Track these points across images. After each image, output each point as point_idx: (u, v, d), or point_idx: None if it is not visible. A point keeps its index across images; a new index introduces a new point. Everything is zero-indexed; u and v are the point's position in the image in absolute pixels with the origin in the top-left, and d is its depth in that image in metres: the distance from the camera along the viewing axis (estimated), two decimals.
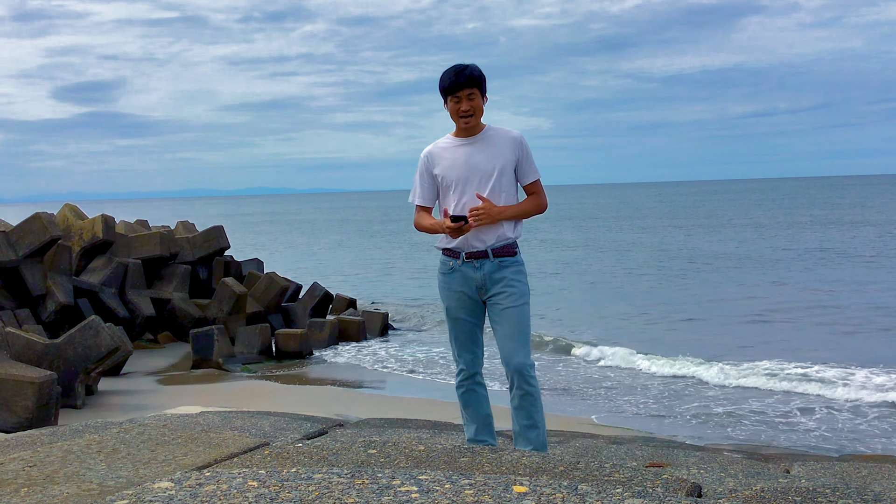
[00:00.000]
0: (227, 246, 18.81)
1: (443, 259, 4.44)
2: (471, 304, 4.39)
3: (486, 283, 4.32)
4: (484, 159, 4.33)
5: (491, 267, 4.31)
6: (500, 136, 4.40)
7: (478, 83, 4.30)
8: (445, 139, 4.47)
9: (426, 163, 4.45)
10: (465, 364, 4.46)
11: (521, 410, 4.31)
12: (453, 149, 4.40)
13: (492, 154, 4.34)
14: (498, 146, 4.36)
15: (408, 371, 14.39)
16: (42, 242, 14.26)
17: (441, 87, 4.34)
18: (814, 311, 19.53)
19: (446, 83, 4.30)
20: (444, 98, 4.34)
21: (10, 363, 9.12)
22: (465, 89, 4.26)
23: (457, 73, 4.27)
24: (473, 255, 4.32)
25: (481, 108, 4.36)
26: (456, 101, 4.29)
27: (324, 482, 2.57)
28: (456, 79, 4.26)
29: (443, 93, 4.34)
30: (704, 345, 15.76)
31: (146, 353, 14.94)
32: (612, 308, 21.17)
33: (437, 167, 4.41)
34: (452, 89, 4.28)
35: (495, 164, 4.32)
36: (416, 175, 4.50)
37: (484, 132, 4.40)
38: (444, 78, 4.31)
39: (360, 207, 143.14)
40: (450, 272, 4.39)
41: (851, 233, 43.62)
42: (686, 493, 3.11)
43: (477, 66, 4.34)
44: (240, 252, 23.31)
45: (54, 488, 3.03)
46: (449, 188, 4.38)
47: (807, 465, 5.17)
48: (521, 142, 4.39)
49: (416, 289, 26.97)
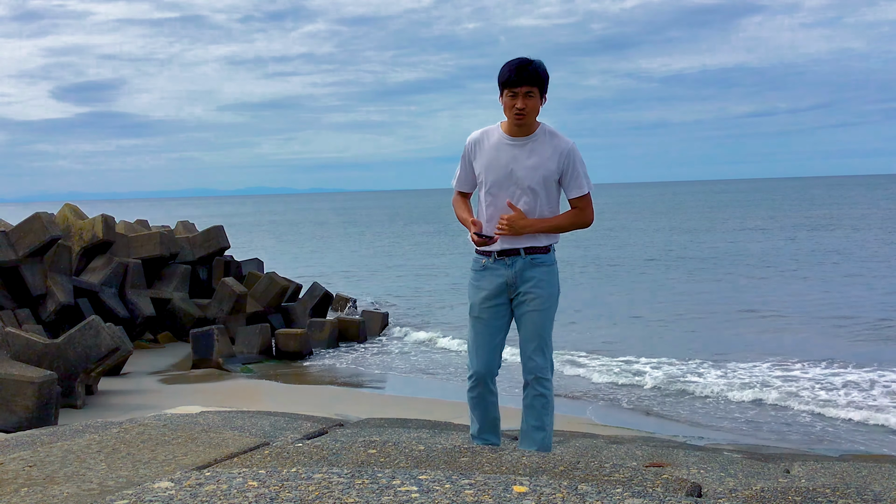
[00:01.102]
0: (227, 246, 18.81)
1: (475, 256, 4.37)
2: (496, 305, 4.30)
3: (517, 281, 4.24)
4: (526, 168, 4.15)
5: (522, 264, 4.22)
6: (549, 143, 4.18)
7: (540, 82, 4.10)
8: (496, 130, 4.26)
9: (470, 150, 4.31)
10: (478, 367, 4.35)
11: (532, 410, 4.30)
12: (499, 146, 4.21)
13: (535, 164, 4.16)
14: (543, 156, 4.16)
15: (408, 371, 14.40)
16: (42, 242, 14.26)
17: (500, 79, 4.12)
18: (819, 309, 19.55)
19: (506, 76, 4.09)
20: (501, 90, 4.14)
21: (10, 363, 9.12)
22: (524, 86, 4.06)
23: (519, 68, 4.07)
24: (505, 252, 4.24)
25: (537, 108, 4.15)
26: (512, 96, 4.09)
27: (324, 482, 2.57)
28: (517, 73, 4.06)
29: (500, 85, 4.13)
30: (705, 344, 15.78)
31: (146, 353, 14.94)
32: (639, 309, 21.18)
33: (478, 161, 4.27)
34: (511, 83, 4.08)
35: (535, 176, 4.15)
36: (461, 160, 4.37)
37: (535, 135, 4.19)
38: (504, 70, 4.11)
39: (363, 207, 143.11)
40: (481, 270, 4.31)
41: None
42: (686, 493, 3.11)
43: (543, 65, 4.12)
44: (240, 252, 23.31)
45: (54, 488, 3.03)
46: (482, 186, 4.27)
47: (807, 465, 5.17)
48: (569, 154, 4.17)
49: (417, 288, 26.98)
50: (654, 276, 28.27)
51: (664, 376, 13.18)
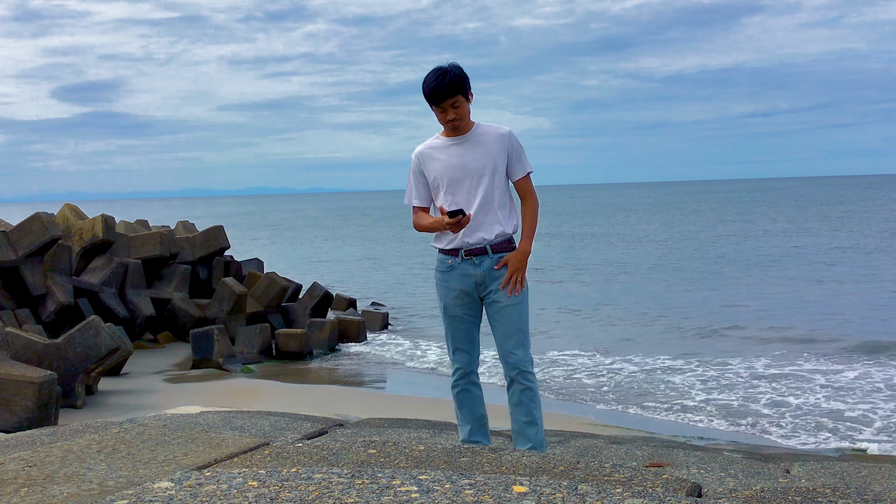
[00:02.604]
0: (227, 246, 18.81)
1: (440, 257, 4.43)
2: (468, 302, 4.37)
3: (486, 280, 4.32)
4: (475, 159, 4.30)
5: (490, 262, 4.30)
6: (489, 133, 4.35)
7: (459, 90, 4.21)
8: (436, 138, 4.43)
9: (417, 163, 4.42)
10: (460, 363, 4.46)
11: (521, 406, 4.32)
12: (444, 149, 4.36)
13: (482, 153, 4.30)
14: (488, 145, 4.32)
15: (408, 371, 14.40)
16: (42, 242, 14.26)
17: (424, 95, 4.26)
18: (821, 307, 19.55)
19: (427, 94, 4.22)
20: (429, 104, 4.29)
21: (10, 363, 9.12)
22: (447, 99, 4.20)
23: (437, 84, 4.18)
24: (472, 252, 4.31)
25: (467, 111, 4.29)
26: (441, 110, 4.24)
27: (324, 482, 2.57)
28: (436, 90, 4.18)
29: (426, 100, 4.27)
30: (706, 343, 15.78)
31: (146, 353, 14.93)
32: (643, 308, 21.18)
33: (428, 168, 4.38)
34: (435, 100, 4.21)
35: (486, 164, 4.29)
36: (410, 176, 4.47)
37: (473, 130, 4.35)
38: (424, 88, 4.24)
39: (364, 207, 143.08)
40: (448, 270, 4.37)
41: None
42: (686, 493, 3.11)
43: (456, 70, 4.22)
44: (240, 252, 23.32)
45: (54, 488, 3.03)
46: (440, 189, 4.36)
47: (807, 465, 5.17)
48: (510, 137, 4.35)
49: (417, 288, 26.98)
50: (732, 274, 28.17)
51: (664, 376, 13.18)
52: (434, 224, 4.34)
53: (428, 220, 4.42)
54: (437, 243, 4.45)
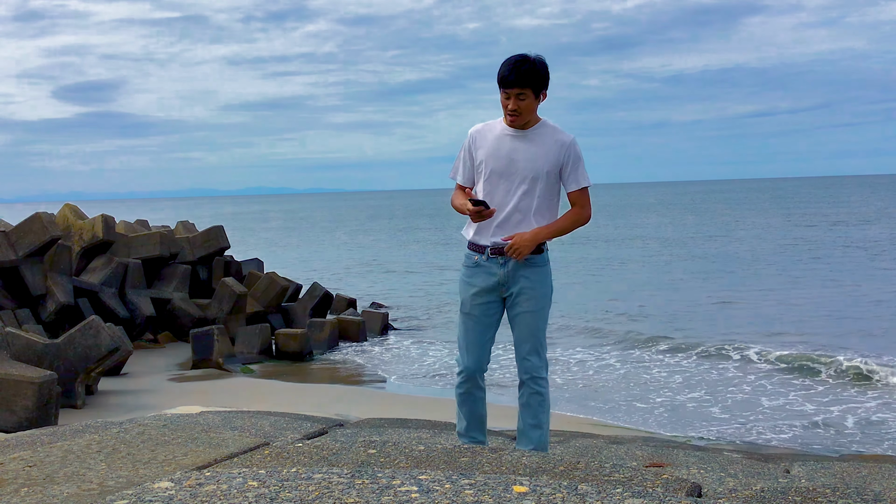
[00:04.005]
0: (227, 246, 18.80)
1: (468, 253, 4.35)
2: (488, 302, 4.29)
3: (509, 281, 4.23)
4: (526, 159, 4.17)
5: (515, 264, 4.21)
6: (550, 136, 4.22)
7: (533, 82, 4.09)
8: (499, 122, 4.28)
9: (472, 142, 4.31)
10: (468, 363, 4.35)
11: (528, 409, 4.32)
12: (501, 136, 4.23)
13: (536, 155, 4.18)
14: (544, 147, 4.19)
15: (408, 371, 14.40)
16: (42, 242, 14.25)
17: (497, 76, 4.14)
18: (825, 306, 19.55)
19: (501, 74, 4.11)
20: (499, 86, 4.16)
21: (10, 363, 9.12)
22: (515, 87, 4.08)
23: (511, 70, 4.07)
24: (499, 251, 4.22)
25: (531, 108, 4.15)
26: (505, 96, 4.12)
27: (324, 482, 2.57)
28: (508, 75, 4.07)
29: (497, 81, 4.15)
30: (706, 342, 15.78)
31: (146, 353, 14.93)
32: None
33: (480, 150, 4.27)
34: (504, 84, 4.10)
35: (535, 167, 4.17)
36: (461, 152, 4.36)
37: (536, 128, 4.22)
38: (501, 67, 4.12)
39: (364, 207, 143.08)
40: (474, 266, 4.30)
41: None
42: (686, 493, 3.11)
43: (538, 63, 4.10)
44: (240, 252, 23.30)
45: (54, 488, 3.03)
46: (482, 175, 4.26)
47: (807, 465, 5.17)
48: (570, 147, 4.20)
49: (417, 288, 26.98)
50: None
51: (664, 376, 13.19)
52: (461, 206, 4.25)
53: (460, 199, 4.30)
54: (467, 233, 4.35)
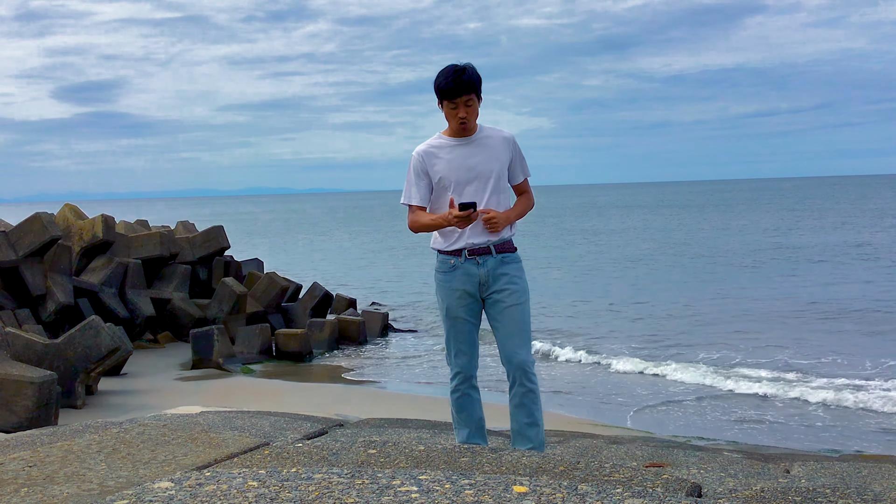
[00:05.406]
0: (227, 246, 18.81)
1: (441, 258, 4.37)
2: (470, 303, 4.34)
3: (489, 280, 4.29)
4: (482, 161, 4.29)
5: (494, 263, 4.28)
6: (494, 136, 4.37)
7: (475, 88, 4.23)
8: (438, 138, 4.38)
9: (421, 162, 4.34)
10: (460, 367, 4.40)
11: (523, 408, 4.31)
12: (449, 149, 4.32)
13: (489, 156, 4.31)
14: (493, 147, 4.33)
15: (408, 371, 14.40)
16: (42, 242, 14.25)
17: (437, 90, 4.24)
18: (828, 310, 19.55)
19: (443, 87, 4.20)
20: (440, 100, 4.26)
21: (10, 363, 9.12)
22: (462, 96, 4.19)
23: (455, 80, 4.17)
24: (476, 251, 4.28)
25: (477, 112, 4.29)
26: (453, 106, 4.22)
27: (324, 482, 2.57)
28: (454, 85, 4.17)
29: (439, 95, 4.24)
30: (706, 344, 15.78)
31: (146, 353, 14.94)
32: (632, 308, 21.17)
33: (434, 167, 4.32)
34: (450, 95, 4.19)
35: (493, 167, 4.30)
36: (410, 174, 4.38)
37: (479, 133, 4.35)
38: (440, 81, 4.21)
39: (363, 207, 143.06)
40: (451, 270, 4.32)
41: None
42: (686, 493, 3.11)
43: (474, 68, 4.25)
44: (240, 252, 23.31)
45: (54, 488, 3.03)
46: (447, 189, 4.31)
47: (807, 465, 5.17)
48: (513, 142, 4.39)
49: (417, 288, 26.96)
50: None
51: (665, 376, 13.19)
52: (436, 220, 4.26)
53: (427, 217, 4.34)
54: (437, 244, 4.38)
